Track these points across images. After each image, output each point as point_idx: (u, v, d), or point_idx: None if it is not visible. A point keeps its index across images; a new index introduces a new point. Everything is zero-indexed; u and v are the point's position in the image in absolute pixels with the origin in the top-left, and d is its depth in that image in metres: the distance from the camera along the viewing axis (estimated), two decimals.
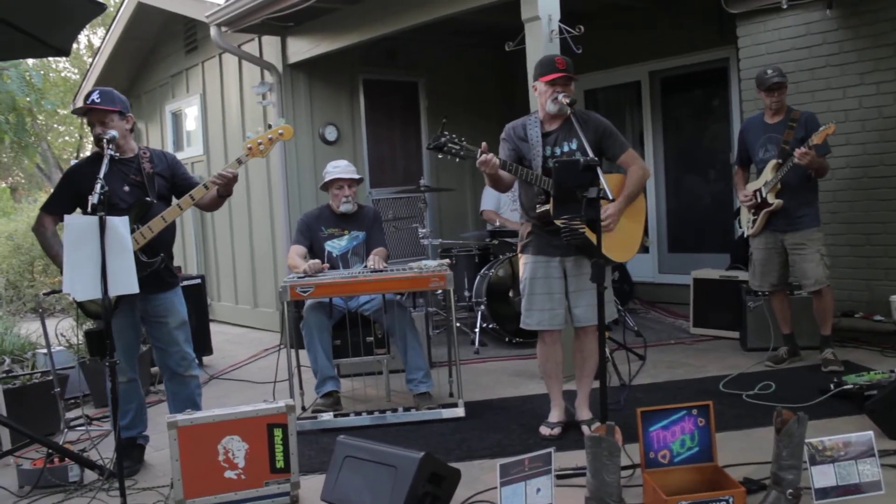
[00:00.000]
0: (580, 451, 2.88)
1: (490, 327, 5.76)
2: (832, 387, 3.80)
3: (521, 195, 3.73)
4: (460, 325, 5.88)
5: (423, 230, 5.93)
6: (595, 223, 3.01)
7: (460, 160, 3.41)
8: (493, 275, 5.65)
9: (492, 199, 6.32)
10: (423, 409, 4.09)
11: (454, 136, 3.38)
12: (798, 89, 5.30)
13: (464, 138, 3.39)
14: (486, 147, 3.35)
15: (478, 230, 7.07)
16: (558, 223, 3.34)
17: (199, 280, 5.94)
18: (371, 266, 4.26)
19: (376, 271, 4.14)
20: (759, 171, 4.60)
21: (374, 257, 4.36)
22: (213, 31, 6.39)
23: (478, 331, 5.69)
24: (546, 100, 3.53)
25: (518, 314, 3.75)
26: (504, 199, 6.21)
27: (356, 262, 4.57)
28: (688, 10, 6.44)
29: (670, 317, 6.38)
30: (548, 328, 3.62)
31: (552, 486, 2.64)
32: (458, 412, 4.04)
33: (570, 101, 3.44)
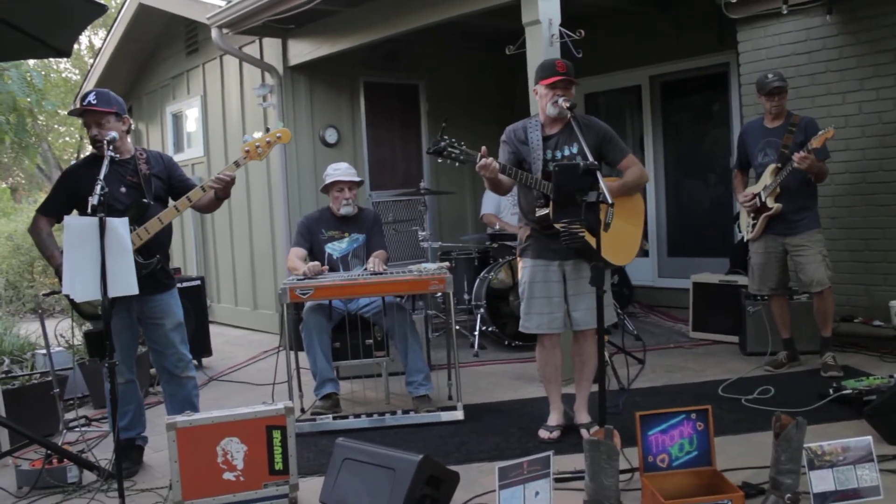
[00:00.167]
0: (579, 455, 2.88)
1: (489, 330, 5.76)
2: (831, 392, 3.80)
3: (520, 199, 3.74)
4: (460, 328, 5.90)
5: (423, 233, 5.93)
6: (594, 227, 3.02)
7: (460, 164, 3.42)
8: (492, 278, 5.66)
9: (492, 202, 6.33)
10: (422, 412, 4.09)
11: (454, 140, 3.38)
12: (798, 94, 5.30)
13: (463, 142, 3.40)
14: (485, 151, 3.36)
15: (477, 233, 7.07)
16: (558, 227, 3.35)
17: (199, 281, 5.94)
18: (371, 268, 4.27)
19: (376, 274, 4.15)
20: (758, 176, 4.60)
21: (373, 260, 4.37)
22: (215, 32, 6.40)
23: (477, 334, 5.70)
24: (546, 103, 3.54)
25: (517, 317, 3.76)
26: (504, 203, 6.22)
27: (356, 264, 4.57)
28: (688, 14, 6.45)
29: (669, 321, 6.39)
30: (547, 332, 3.63)
31: (551, 490, 2.64)
32: (457, 415, 4.04)
33: (570, 104, 3.45)
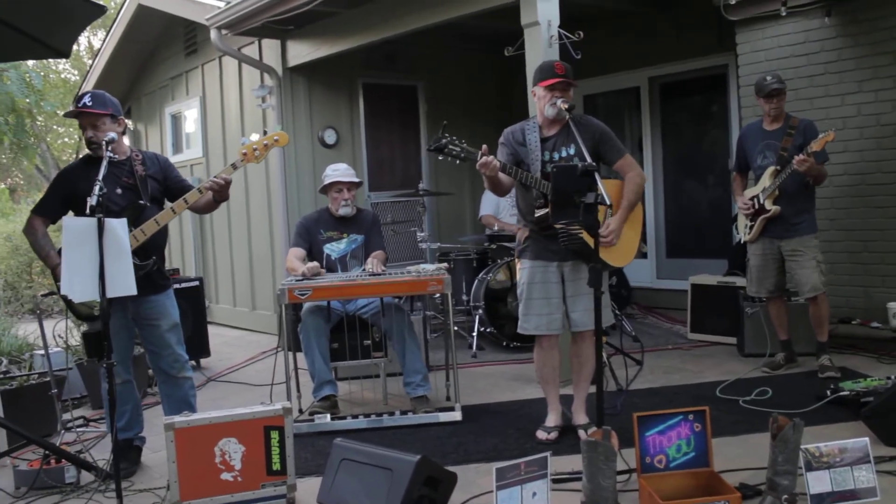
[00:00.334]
0: (576, 456, 2.89)
1: (488, 331, 5.77)
2: (829, 393, 3.81)
3: (518, 200, 3.74)
4: (458, 329, 5.90)
5: (422, 234, 5.93)
6: (593, 228, 3.02)
7: (460, 162, 3.42)
8: (491, 279, 5.66)
9: (491, 203, 6.33)
10: (420, 413, 4.09)
11: (454, 137, 3.39)
12: (797, 96, 5.32)
13: (464, 140, 3.41)
14: (486, 149, 3.36)
15: (476, 234, 7.07)
16: (557, 227, 3.35)
17: (198, 282, 5.92)
18: (369, 269, 4.26)
19: (374, 274, 4.15)
20: (757, 178, 4.61)
21: (372, 260, 4.37)
22: (214, 33, 6.40)
23: (475, 335, 5.69)
24: (545, 105, 3.54)
25: (515, 318, 3.76)
26: (503, 204, 6.21)
27: (355, 265, 4.57)
28: (687, 16, 6.46)
29: (668, 322, 6.39)
30: (545, 333, 3.62)
31: (548, 490, 2.64)
32: (455, 416, 4.04)
33: (568, 106, 3.46)
